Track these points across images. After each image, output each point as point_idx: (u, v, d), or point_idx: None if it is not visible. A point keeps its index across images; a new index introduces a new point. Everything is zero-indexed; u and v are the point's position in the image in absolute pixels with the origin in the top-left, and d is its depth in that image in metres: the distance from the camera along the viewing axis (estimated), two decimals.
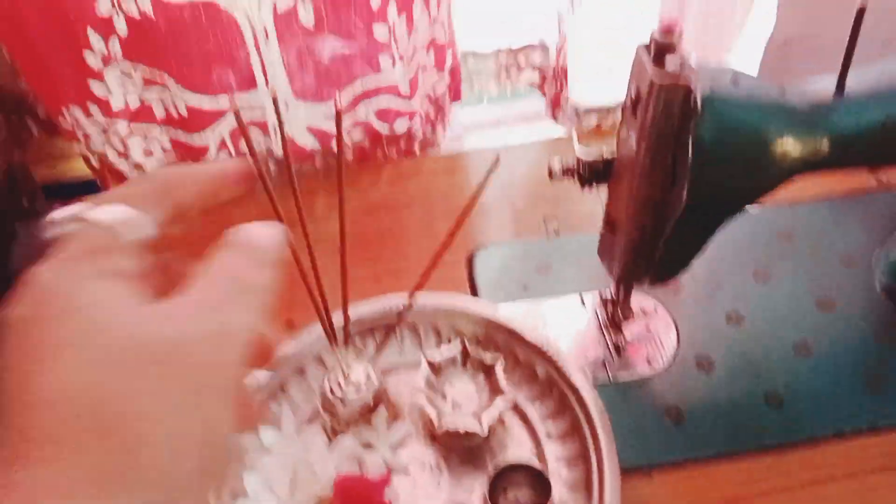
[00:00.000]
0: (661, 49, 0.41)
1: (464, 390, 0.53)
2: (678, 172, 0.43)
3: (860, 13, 0.40)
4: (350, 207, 0.76)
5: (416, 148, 0.79)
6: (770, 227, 0.67)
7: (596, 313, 0.60)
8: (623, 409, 0.54)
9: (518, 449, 0.52)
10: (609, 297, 0.58)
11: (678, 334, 0.59)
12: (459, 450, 0.52)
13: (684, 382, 0.56)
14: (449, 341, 0.57)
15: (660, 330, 0.59)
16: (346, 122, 0.72)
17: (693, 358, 0.57)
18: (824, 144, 0.43)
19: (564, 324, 0.60)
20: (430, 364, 0.53)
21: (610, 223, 0.51)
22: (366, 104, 0.71)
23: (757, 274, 0.63)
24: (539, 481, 0.49)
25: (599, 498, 0.47)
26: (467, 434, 0.50)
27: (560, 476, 0.50)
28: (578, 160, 0.50)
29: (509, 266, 0.65)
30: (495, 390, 0.52)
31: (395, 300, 0.57)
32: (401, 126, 0.74)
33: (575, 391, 0.52)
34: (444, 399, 0.52)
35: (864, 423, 0.52)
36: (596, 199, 0.53)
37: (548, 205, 0.71)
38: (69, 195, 0.81)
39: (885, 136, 0.44)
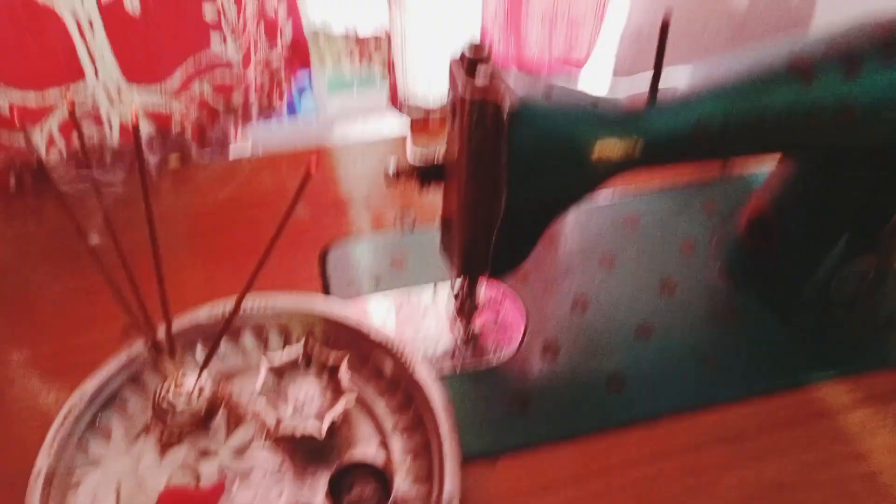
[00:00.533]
0: (472, 63, 0.42)
1: (307, 391, 0.52)
2: (497, 179, 0.44)
3: (664, 26, 0.42)
4: (203, 207, 0.74)
5: (254, 117, 0.78)
6: (617, 215, 0.69)
7: (447, 305, 0.60)
8: (471, 397, 0.55)
9: (365, 445, 0.51)
10: (458, 289, 0.58)
11: (527, 322, 0.60)
12: (304, 450, 0.51)
13: (530, 369, 0.57)
14: (298, 341, 0.56)
15: (509, 318, 0.60)
16: (183, 100, 0.69)
17: (540, 344, 0.58)
18: (638, 148, 0.45)
19: (416, 316, 0.60)
20: (271, 367, 0.51)
21: (445, 221, 0.52)
22: (199, 82, 0.69)
23: (603, 260, 0.64)
24: (383, 476, 0.48)
25: (440, 487, 0.47)
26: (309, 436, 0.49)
27: (405, 468, 0.50)
28: (417, 164, 0.49)
29: (362, 261, 0.64)
30: (339, 390, 0.51)
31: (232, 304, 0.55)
32: (237, 99, 0.72)
33: (419, 385, 0.52)
34: (286, 402, 0.51)
35: (699, 400, 0.55)
36: None
37: (404, 199, 0.71)
38: None
39: (695, 137, 0.45)
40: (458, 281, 0.56)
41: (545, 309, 0.61)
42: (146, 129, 0.69)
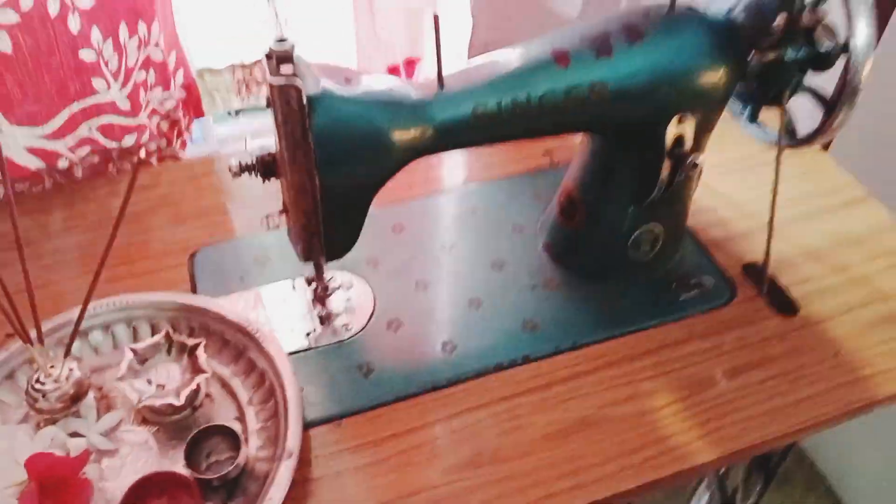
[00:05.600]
0: (279, 58, 0.50)
1: (168, 373, 0.59)
2: (311, 166, 0.52)
3: (436, 19, 0.51)
4: (91, 219, 0.80)
5: (154, 161, 0.84)
6: (457, 205, 0.78)
7: (304, 293, 0.68)
8: (322, 370, 0.63)
9: (223, 418, 0.59)
10: (310, 277, 0.66)
11: (374, 303, 0.68)
12: (169, 426, 0.58)
13: (376, 342, 0.65)
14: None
15: (359, 300, 0.68)
16: (69, 141, 0.75)
17: (385, 321, 0.66)
18: (429, 133, 0.54)
19: (278, 306, 0.68)
20: (135, 352, 0.58)
21: (284, 210, 0.59)
22: (88, 123, 0.75)
23: (443, 245, 0.73)
24: (234, 439, 0.56)
25: (283, 447, 0.54)
26: (172, 409, 0.56)
27: (259, 435, 0.57)
28: (252, 158, 0.57)
29: (228, 262, 0.71)
30: (197, 370, 0.58)
31: (105, 301, 0.62)
32: (129, 141, 0.78)
33: (271, 361, 0.59)
34: (150, 383, 0.58)
35: (518, 356, 0.64)
36: None
37: (272, 201, 0.78)
38: None
39: (476, 123, 0.55)
40: (309, 267, 0.64)
41: (391, 291, 0.69)
42: (34, 164, 0.74)
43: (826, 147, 1.17)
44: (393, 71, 0.96)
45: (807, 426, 0.60)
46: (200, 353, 0.58)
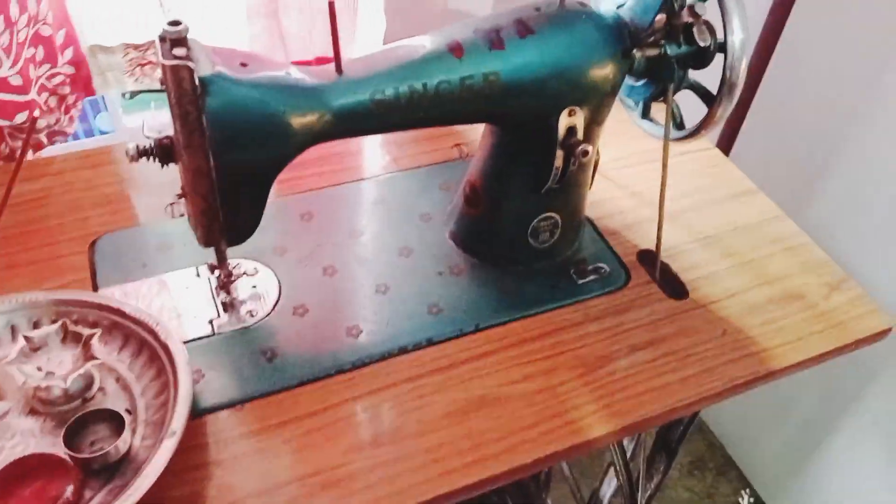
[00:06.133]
0: (172, 41, 0.50)
1: (60, 361, 0.58)
2: (206, 149, 0.52)
3: (332, 5, 0.52)
4: None
5: (44, 138, 0.82)
6: (368, 194, 0.79)
7: (208, 280, 0.68)
8: (225, 356, 0.63)
9: (115, 407, 0.57)
10: (213, 264, 0.66)
11: (280, 289, 0.68)
12: (58, 417, 0.57)
13: (281, 328, 0.65)
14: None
15: (264, 287, 0.68)
16: None
17: (291, 307, 0.67)
18: (327, 118, 0.55)
19: (182, 293, 0.67)
20: (28, 339, 0.57)
21: (183, 195, 0.59)
22: None
23: (352, 233, 0.74)
24: (120, 425, 0.55)
25: (167, 429, 0.54)
26: (62, 398, 0.56)
27: (147, 425, 0.57)
28: (152, 142, 0.57)
29: (130, 249, 0.71)
30: (90, 358, 0.57)
31: (6, 297, 0.61)
32: (21, 118, 0.77)
33: (169, 353, 0.59)
34: (40, 370, 0.57)
35: (423, 339, 0.65)
36: None
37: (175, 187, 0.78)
38: None
39: (373, 110, 0.56)
40: (213, 255, 0.64)
41: (299, 278, 0.69)
42: None
43: (727, 151, 1.23)
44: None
45: (694, 400, 0.64)
46: (95, 342, 0.58)
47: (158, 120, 0.90)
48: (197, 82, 0.49)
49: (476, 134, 0.87)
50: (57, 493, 0.53)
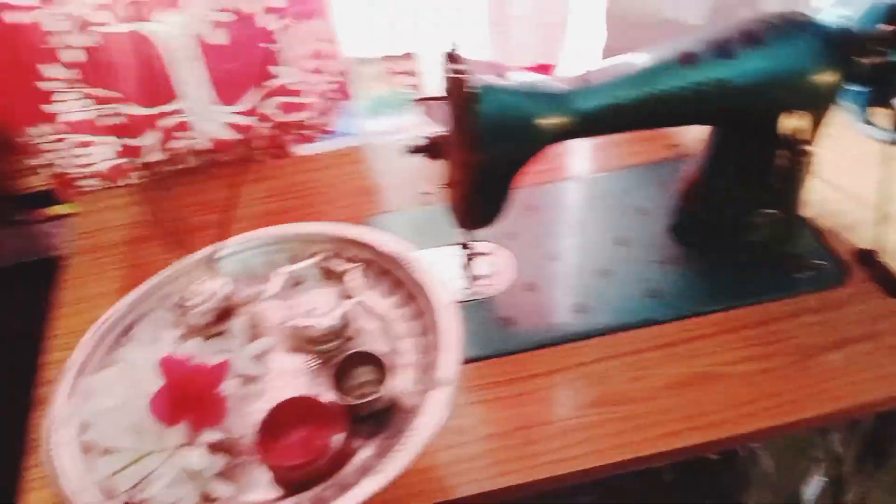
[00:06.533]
0: (452, 57, 0.61)
1: (320, 298, 0.63)
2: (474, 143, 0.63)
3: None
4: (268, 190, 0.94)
5: (313, 133, 0.98)
6: (588, 189, 0.87)
7: (457, 257, 0.79)
8: (471, 319, 0.72)
9: (376, 348, 0.61)
10: (463, 243, 0.77)
11: (515, 268, 0.78)
12: (320, 357, 0.61)
13: (516, 300, 0.75)
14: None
15: (503, 265, 0.79)
16: (255, 117, 0.91)
17: (524, 283, 0.77)
18: (571, 120, 0.64)
19: (439, 266, 0.79)
20: (288, 276, 0.64)
21: (449, 185, 0.71)
22: (269, 101, 0.91)
23: (575, 224, 0.83)
24: (380, 366, 0.59)
25: (436, 377, 0.57)
26: (323, 338, 0.61)
27: (412, 366, 0.60)
28: (424, 139, 0.69)
29: (388, 231, 0.84)
30: (347, 296, 0.63)
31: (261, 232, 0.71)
32: (298, 116, 0.94)
33: (426, 293, 0.63)
34: (299, 305, 0.62)
35: (643, 319, 0.72)
36: None
37: (417, 182, 0.90)
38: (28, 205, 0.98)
39: (612, 113, 0.64)
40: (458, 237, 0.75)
41: (527, 260, 0.79)
42: (227, 135, 0.90)
43: None
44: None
45: None
46: (354, 278, 0.62)
47: (404, 122, 1.05)
48: (473, 91, 0.60)
49: (686, 135, 0.92)
50: (323, 441, 0.53)
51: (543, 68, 1.06)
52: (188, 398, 0.55)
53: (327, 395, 0.57)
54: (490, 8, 0.94)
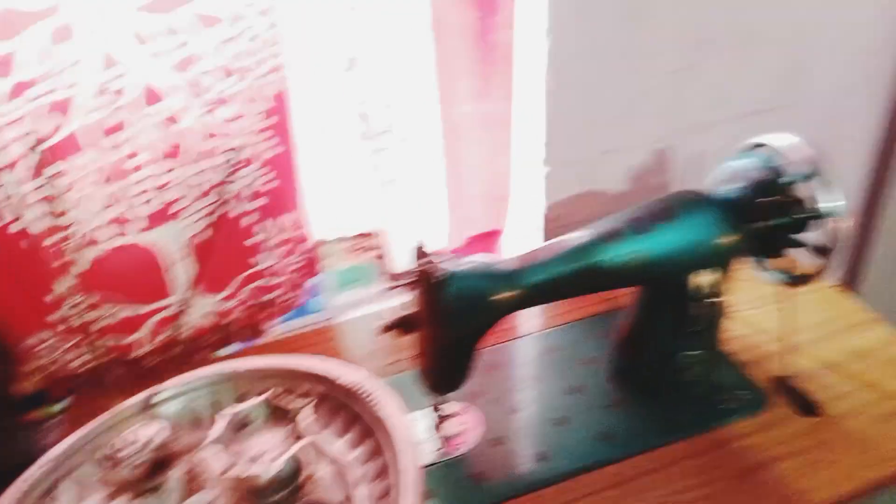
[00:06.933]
0: (420, 251, 0.74)
1: (267, 443, 0.56)
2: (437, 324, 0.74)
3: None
4: None
5: (280, 310, 1.08)
6: (543, 344, 0.99)
7: (429, 419, 0.88)
8: (445, 479, 0.81)
9: (329, 498, 0.56)
10: (434, 406, 0.86)
11: (479, 426, 0.87)
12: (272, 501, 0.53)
13: (484, 455, 0.84)
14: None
15: (471, 422, 0.88)
16: (235, 301, 1.01)
17: (491, 438, 0.86)
18: (521, 293, 0.76)
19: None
20: (230, 419, 0.56)
21: (420, 355, 0.81)
22: (248, 286, 1.02)
23: (531, 378, 0.94)
24: None
25: None
26: (270, 487, 0.53)
27: (367, 498, 0.56)
28: (395, 318, 0.80)
29: None
30: (298, 437, 0.56)
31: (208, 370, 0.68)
32: (269, 296, 1.04)
33: (386, 430, 0.60)
34: (245, 451, 0.55)
35: (597, 461, 0.82)
36: None
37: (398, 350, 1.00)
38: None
39: (555, 285, 0.76)
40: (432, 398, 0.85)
41: (494, 415, 0.88)
42: (206, 322, 1.00)
43: (851, 284, 1.35)
44: (472, 240, 1.20)
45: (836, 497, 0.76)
46: (304, 416, 0.56)
47: (370, 295, 1.16)
48: (439, 278, 0.72)
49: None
50: None
51: (493, 233, 1.20)
52: None
53: None
54: (448, 188, 1.09)
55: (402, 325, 0.80)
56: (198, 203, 0.91)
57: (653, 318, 0.86)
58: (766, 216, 0.80)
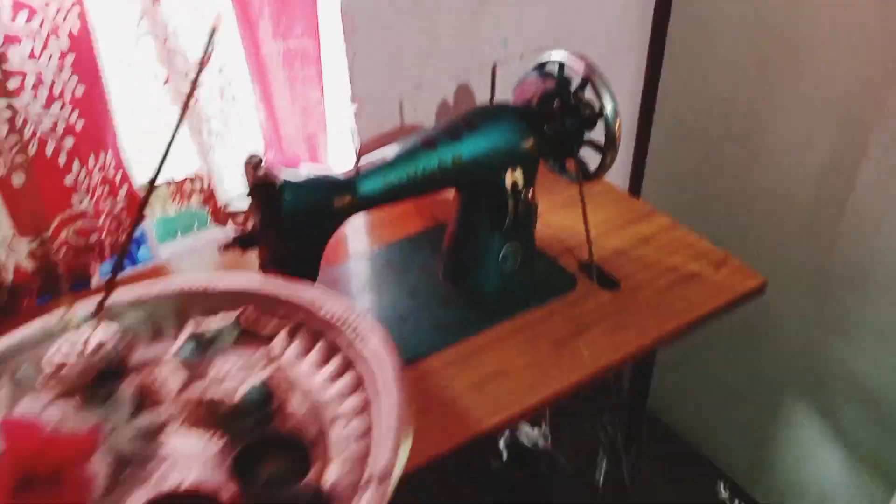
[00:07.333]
0: (255, 164, 0.78)
1: (235, 363, 0.48)
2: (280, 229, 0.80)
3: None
4: None
5: (108, 253, 1.07)
6: (380, 260, 1.07)
7: None
8: None
9: (300, 431, 0.47)
10: None
11: None
12: (226, 435, 0.45)
13: None
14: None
15: None
16: (55, 244, 0.99)
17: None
18: (355, 201, 0.83)
19: None
20: (196, 336, 0.49)
21: (262, 272, 0.85)
22: (67, 229, 1.01)
23: (373, 288, 1.02)
24: (303, 452, 0.46)
25: (372, 470, 0.42)
26: (233, 411, 0.46)
27: (345, 458, 0.46)
28: (234, 236, 0.84)
29: None
30: (269, 363, 0.49)
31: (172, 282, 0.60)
32: (93, 238, 1.03)
33: (369, 366, 0.51)
34: (209, 370, 0.48)
35: (437, 345, 0.91)
36: None
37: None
38: None
39: (385, 191, 0.84)
40: None
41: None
42: (30, 266, 0.98)
43: (637, 188, 1.57)
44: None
45: (639, 346, 0.92)
46: (278, 341, 0.50)
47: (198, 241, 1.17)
48: (276, 188, 0.77)
49: (442, 207, 1.16)
50: None
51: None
52: (37, 477, 0.40)
53: (229, 488, 0.43)
54: (263, 127, 1.12)
55: (241, 243, 0.84)
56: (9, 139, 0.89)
57: (472, 220, 0.97)
58: (554, 118, 0.93)
